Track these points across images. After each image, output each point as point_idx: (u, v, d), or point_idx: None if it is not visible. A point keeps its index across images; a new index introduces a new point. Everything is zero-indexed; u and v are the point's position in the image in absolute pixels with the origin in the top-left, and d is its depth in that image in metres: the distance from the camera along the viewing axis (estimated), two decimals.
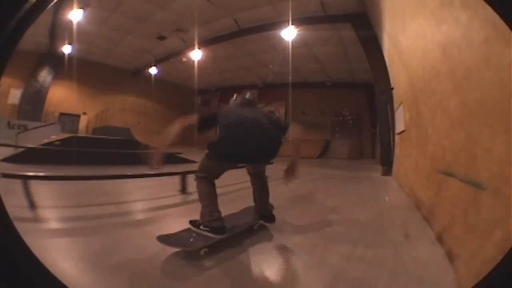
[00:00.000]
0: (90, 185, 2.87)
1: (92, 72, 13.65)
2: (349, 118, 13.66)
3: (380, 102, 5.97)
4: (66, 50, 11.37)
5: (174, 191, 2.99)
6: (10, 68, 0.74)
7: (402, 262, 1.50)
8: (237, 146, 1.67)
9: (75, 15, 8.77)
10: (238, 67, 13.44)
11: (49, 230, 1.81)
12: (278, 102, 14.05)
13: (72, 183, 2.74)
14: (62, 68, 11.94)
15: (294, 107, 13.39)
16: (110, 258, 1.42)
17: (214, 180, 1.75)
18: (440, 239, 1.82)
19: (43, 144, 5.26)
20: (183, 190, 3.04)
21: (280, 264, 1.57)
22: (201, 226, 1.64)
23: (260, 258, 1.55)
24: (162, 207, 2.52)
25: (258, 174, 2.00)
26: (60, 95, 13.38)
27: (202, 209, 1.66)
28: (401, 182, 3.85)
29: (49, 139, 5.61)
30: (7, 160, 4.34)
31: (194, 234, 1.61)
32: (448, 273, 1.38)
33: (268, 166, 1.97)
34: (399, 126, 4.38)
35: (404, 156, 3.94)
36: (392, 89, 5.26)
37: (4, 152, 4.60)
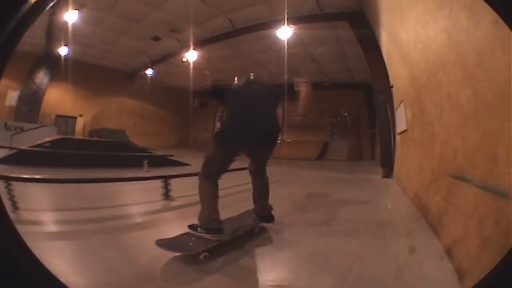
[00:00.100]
0: (72, 188, 2.77)
1: (88, 74, 13.58)
2: (347, 118, 13.45)
3: (379, 101, 5.73)
4: (63, 51, 11.33)
5: (157, 196, 2.79)
6: (8, 69, 0.73)
7: (407, 285, 1.26)
8: (244, 128, 1.73)
9: (71, 17, 8.71)
10: (234, 68, 13.25)
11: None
12: None
13: (56, 186, 2.65)
14: (59, 69, 11.89)
15: (291, 108, 13.14)
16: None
17: (219, 178, 1.75)
18: (449, 253, 1.58)
19: (34, 145, 5.16)
20: (166, 195, 2.84)
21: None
22: (198, 229, 1.61)
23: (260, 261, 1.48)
24: (141, 214, 2.33)
25: (260, 173, 1.99)
26: (56, 97, 13.34)
27: (201, 211, 1.65)
28: (403, 185, 3.59)
29: (42, 141, 5.50)
30: None
31: (193, 238, 1.59)
32: None
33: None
34: (400, 125, 4.13)
35: (406, 157, 3.69)
36: (391, 87, 5.04)
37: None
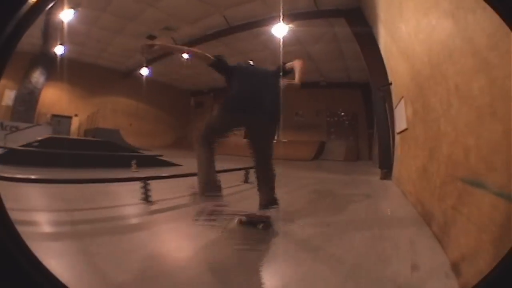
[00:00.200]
0: (48, 188, 2.63)
1: (84, 73, 13.50)
2: (344, 118, 13.24)
3: (377, 99, 5.52)
4: (59, 51, 11.26)
5: (137, 199, 2.56)
6: (6, 69, 0.66)
7: None
8: (248, 97, 1.84)
9: (66, 15, 8.67)
10: None
11: None
12: None
13: (32, 186, 2.57)
14: (55, 69, 11.79)
15: (288, 108, 12.92)
16: None
17: (215, 143, 1.80)
18: (456, 269, 1.35)
19: (23, 145, 5.12)
20: (146, 199, 2.61)
21: None
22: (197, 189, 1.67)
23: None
24: (110, 219, 2.10)
25: (264, 164, 1.99)
26: (52, 97, 13.22)
27: (199, 173, 1.67)
28: (403, 188, 3.35)
29: (31, 141, 5.42)
30: None
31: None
32: None
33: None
34: (400, 124, 3.89)
35: (406, 158, 3.45)
36: (390, 84, 4.82)
37: None
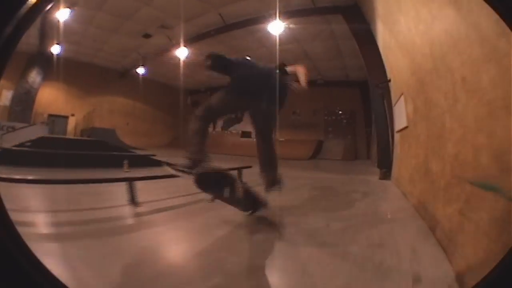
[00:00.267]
0: (44, 189, 2.67)
1: (80, 73, 13.44)
2: (342, 117, 13.11)
3: (375, 96, 5.37)
4: (55, 50, 11.17)
5: (124, 201, 2.47)
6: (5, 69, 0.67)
7: None
8: (251, 82, 1.93)
9: (63, 15, 8.62)
10: None
11: None
12: None
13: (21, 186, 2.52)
14: (51, 68, 11.80)
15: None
16: None
17: (211, 123, 1.84)
18: (460, 281, 1.21)
19: (16, 145, 5.15)
20: (132, 200, 2.52)
21: None
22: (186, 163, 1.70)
23: None
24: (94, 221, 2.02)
25: (266, 141, 2.05)
26: (49, 96, 13.14)
27: (190, 147, 1.70)
28: (404, 189, 3.21)
29: (24, 140, 5.47)
30: None
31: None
32: None
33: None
34: (400, 122, 3.75)
35: (407, 157, 3.31)
36: (389, 81, 4.68)
37: None
